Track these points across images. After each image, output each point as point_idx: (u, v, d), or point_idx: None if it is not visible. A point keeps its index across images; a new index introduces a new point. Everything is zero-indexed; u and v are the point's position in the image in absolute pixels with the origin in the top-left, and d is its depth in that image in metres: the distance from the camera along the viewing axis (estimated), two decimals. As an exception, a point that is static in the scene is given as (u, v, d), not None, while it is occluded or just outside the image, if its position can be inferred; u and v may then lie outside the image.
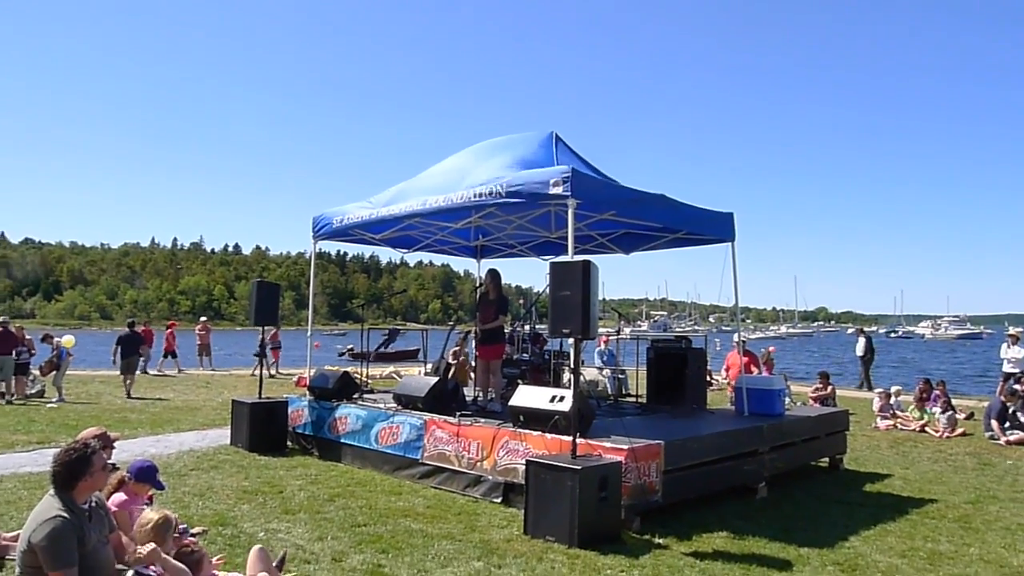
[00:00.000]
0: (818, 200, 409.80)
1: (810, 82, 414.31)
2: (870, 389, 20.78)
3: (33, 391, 16.06)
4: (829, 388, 15.39)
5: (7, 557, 5.00)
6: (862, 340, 21.88)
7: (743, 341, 13.34)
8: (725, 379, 16.30)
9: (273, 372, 22.60)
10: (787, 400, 11.12)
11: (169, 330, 24.19)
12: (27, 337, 16.05)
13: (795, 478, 8.91)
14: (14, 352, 15.22)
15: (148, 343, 22.13)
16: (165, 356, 23.46)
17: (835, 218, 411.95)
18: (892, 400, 14.59)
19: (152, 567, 3.98)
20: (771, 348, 18.02)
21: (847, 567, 5.68)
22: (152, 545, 4.01)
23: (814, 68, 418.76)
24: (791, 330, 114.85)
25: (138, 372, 20.34)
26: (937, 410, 13.75)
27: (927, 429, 13.45)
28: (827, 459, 9.90)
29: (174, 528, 4.16)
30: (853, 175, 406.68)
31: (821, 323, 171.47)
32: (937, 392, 14.57)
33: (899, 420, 14.06)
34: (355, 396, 10.01)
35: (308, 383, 10.66)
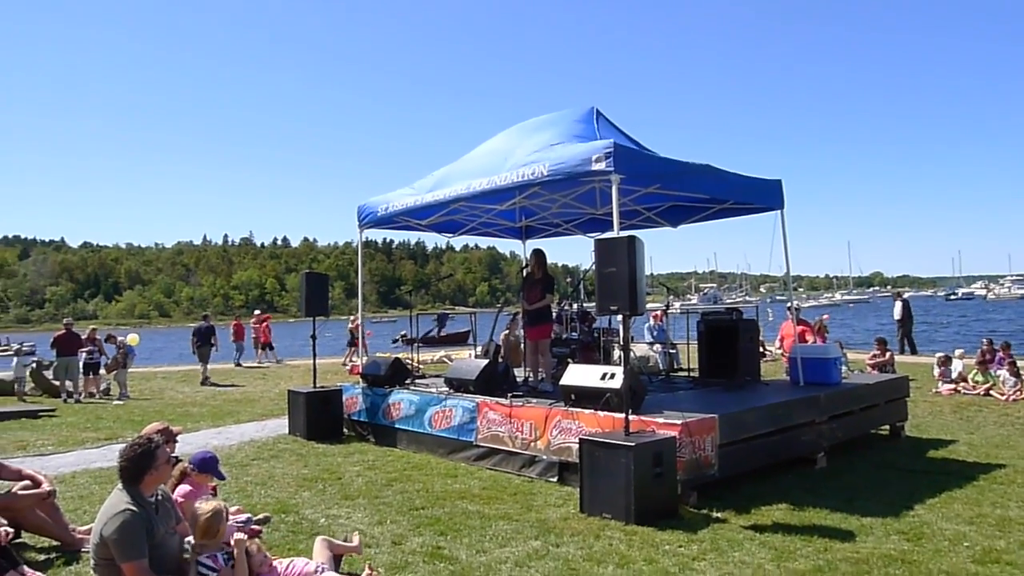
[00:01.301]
0: (870, 163, 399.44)
1: (858, 43, 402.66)
2: (914, 353, 20.30)
3: (100, 389, 16.60)
4: (887, 354, 15.04)
5: (82, 549, 5.20)
6: (899, 304, 21.45)
7: (797, 309, 13.09)
8: (779, 350, 16.04)
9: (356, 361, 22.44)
10: (844, 368, 10.90)
11: (264, 323, 24.84)
12: (97, 338, 16.57)
13: (855, 447, 8.75)
14: (81, 352, 15.73)
15: (239, 337, 23.55)
16: (263, 348, 24.34)
17: (888, 180, 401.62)
18: (954, 364, 14.20)
19: (211, 557, 4.09)
20: (825, 316, 17.70)
21: (912, 536, 5.56)
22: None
23: (861, 29, 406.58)
24: (846, 297, 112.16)
25: (235, 364, 22.67)
26: (1003, 372, 13.33)
27: (992, 392, 13.06)
28: (888, 427, 9.69)
29: (226, 518, 4.26)
30: (906, 136, 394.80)
31: (876, 288, 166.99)
32: (1001, 354, 14.12)
33: (962, 384, 13.68)
34: (407, 381, 10.12)
35: (361, 370, 10.81)
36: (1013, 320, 51.57)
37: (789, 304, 11.91)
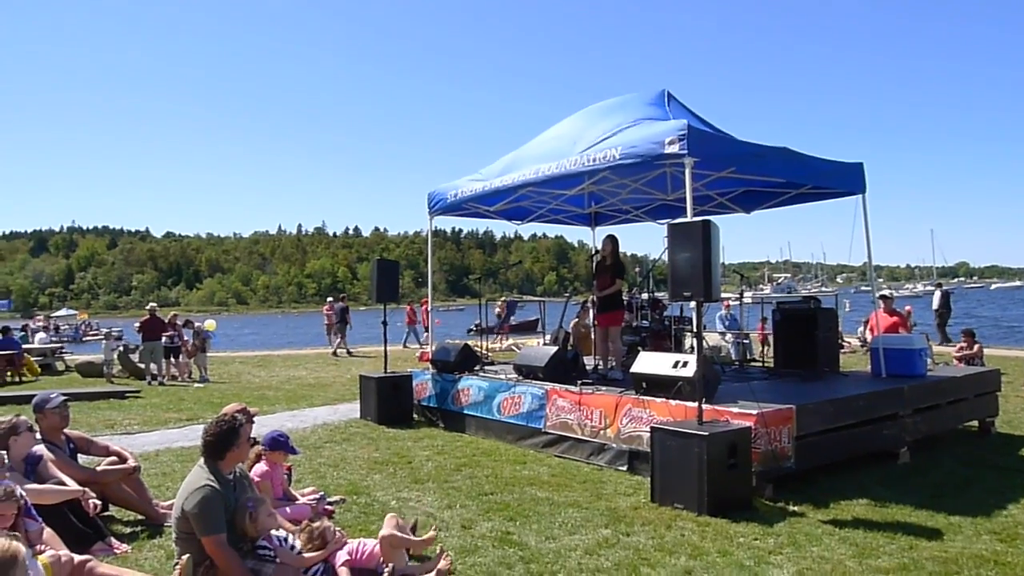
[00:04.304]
0: (955, 147, 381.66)
1: (937, 23, 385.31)
2: (947, 343, 19.49)
3: (188, 373, 17.18)
4: (976, 347, 14.33)
5: (165, 524, 5.37)
6: (938, 294, 20.83)
7: (890, 297, 12.51)
8: (863, 345, 15.48)
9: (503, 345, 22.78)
10: (928, 361, 10.44)
11: (423, 307, 25.71)
12: (177, 323, 17.17)
13: (941, 443, 8.37)
14: (164, 337, 16.33)
15: (411, 321, 25.71)
16: (427, 331, 25.13)
17: (975, 165, 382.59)
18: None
19: (267, 539, 4.16)
20: (908, 308, 16.99)
21: (1005, 536, 5.27)
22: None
23: (943, 8, 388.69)
24: (929, 287, 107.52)
25: (402, 345, 24.91)
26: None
27: (1091, 388, 12.32)
28: (976, 422, 9.23)
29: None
30: (993, 118, 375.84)
31: (962, 279, 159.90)
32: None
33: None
34: (476, 368, 10.15)
35: (431, 357, 10.89)
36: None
37: (883, 293, 11.33)
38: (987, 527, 5.47)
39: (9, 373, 17.07)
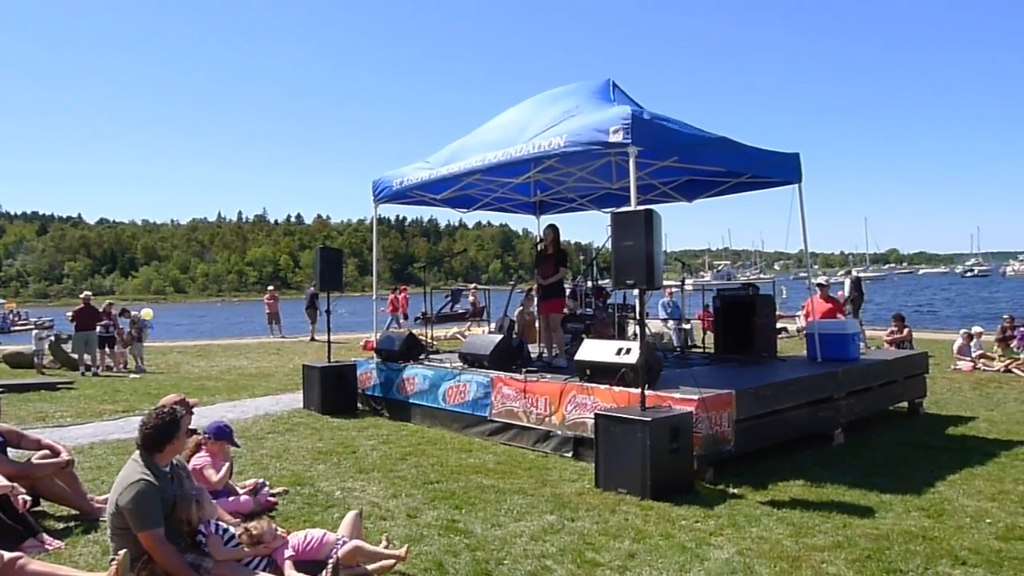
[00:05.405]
0: (888, 137, 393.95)
1: (875, 14, 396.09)
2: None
3: (122, 363, 16.67)
4: (905, 331, 14.89)
5: (100, 518, 5.22)
6: (847, 281, 21.72)
7: (826, 285, 12.85)
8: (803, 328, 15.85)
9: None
10: (861, 345, 10.79)
11: (402, 295, 25.24)
12: (112, 312, 16.62)
13: (873, 424, 8.68)
14: (98, 327, 15.81)
15: (394, 308, 25.08)
16: (404, 318, 25.08)
17: (907, 156, 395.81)
18: (973, 341, 14.04)
19: (205, 524, 4.11)
20: (841, 293, 17.53)
21: (933, 512, 5.49)
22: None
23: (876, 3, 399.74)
24: (863, 274, 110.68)
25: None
26: (1024, 350, 13.18)
27: (1013, 369, 12.91)
28: (906, 403, 9.61)
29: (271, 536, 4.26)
30: (925, 110, 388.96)
31: (893, 265, 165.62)
32: (1022, 330, 13.97)
33: (982, 361, 13.53)
34: (421, 357, 10.10)
35: (375, 346, 10.79)
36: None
37: (819, 281, 11.62)
38: (916, 504, 5.70)
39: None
